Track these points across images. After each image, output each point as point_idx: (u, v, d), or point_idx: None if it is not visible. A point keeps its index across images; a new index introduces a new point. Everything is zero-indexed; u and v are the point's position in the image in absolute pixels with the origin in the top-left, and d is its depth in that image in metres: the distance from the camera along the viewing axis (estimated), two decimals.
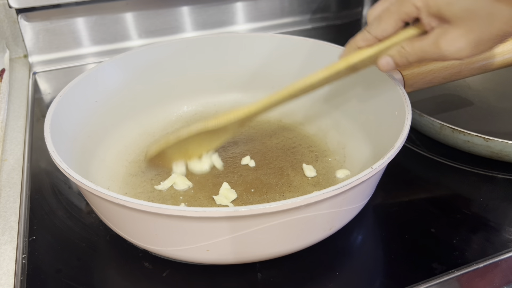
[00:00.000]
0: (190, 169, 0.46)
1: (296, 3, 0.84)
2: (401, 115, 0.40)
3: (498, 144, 0.45)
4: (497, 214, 0.42)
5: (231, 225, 0.31)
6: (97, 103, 0.48)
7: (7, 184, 0.47)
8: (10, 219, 0.43)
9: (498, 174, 0.47)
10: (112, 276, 0.37)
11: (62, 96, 0.43)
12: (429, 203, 0.44)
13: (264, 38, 0.55)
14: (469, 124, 0.53)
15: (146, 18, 0.75)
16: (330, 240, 0.38)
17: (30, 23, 0.69)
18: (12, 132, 0.56)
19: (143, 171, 0.47)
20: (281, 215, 0.31)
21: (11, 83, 0.66)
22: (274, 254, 0.35)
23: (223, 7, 0.79)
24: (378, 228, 0.42)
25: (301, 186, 0.45)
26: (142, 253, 0.38)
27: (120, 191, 0.44)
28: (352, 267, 0.38)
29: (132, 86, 0.52)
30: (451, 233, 0.40)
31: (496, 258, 0.38)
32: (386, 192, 0.44)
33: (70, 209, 0.44)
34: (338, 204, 0.33)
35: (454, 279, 0.36)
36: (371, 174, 0.33)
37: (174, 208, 0.29)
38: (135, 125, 0.52)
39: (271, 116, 0.56)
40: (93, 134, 0.47)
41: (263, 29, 0.83)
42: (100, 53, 0.74)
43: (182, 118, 0.56)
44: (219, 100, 0.57)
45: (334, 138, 0.51)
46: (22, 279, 0.37)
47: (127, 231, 0.35)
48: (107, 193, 0.31)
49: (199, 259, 0.35)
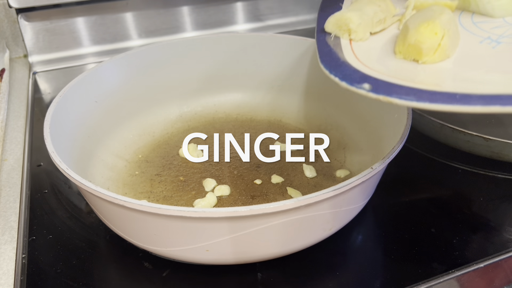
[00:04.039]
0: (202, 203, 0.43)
1: (296, 3, 0.84)
2: (401, 115, 0.40)
3: (498, 144, 0.45)
4: (497, 214, 0.42)
5: (231, 225, 0.31)
6: (97, 103, 0.48)
7: (7, 184, 0.47)
8: (10, 219, 0.43)
9: (498, 174, 0.47)
10: (112, 276, 0.37)
11: (62, 96, 0.43)
12: (429, 203, 0.44)
13: (264, 38, 0.55)
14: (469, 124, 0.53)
15: (146, 18, 0.75)
16: (330, 240, 0.38)
17: (30, 23, 0.69)
18: (12, 132, 0.56)
19: (143, 171, 0.47)
20: (281, 215, 0.31)
21: (11, 83, 0.66)
22: (274, 254, 0.35)
23: (223, 7, 0.79)
24: (378, 228, 0.42)
25: (301, 186, 0.45)
26: (142, 253, 0.38)
27: (120, 191, 0.44)
28: (352, 267, 0.38)
29: (132, 86, 0.52)
30: (451, 233, 0.40)
31: (496, 258, 0.38)
32: (386, 192, 0.44)
33: (70, 209, 0.44)
34: (338, 204, 0.33)
35: (454, 279, 0.36)
36: (371, 174, 0.33)
37: (174, 208, 0.29)
38: (135, 125, 0.52)
39: (271, 116, 0.56)
40: (93, 134, 0.47)
41: (263, 29, 0.82)
42: (100, 53, 0.74)
43: (182, 118, 0.56)
44: (219, 100, 0.57)
45: (334, 138, 0.51)
46: (22, 279, 0.37)
47: (127, 232, 0.35)
48: (106, 194, 0.31)
49: (199, 259, 0.35)
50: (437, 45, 0.32)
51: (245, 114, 0.56)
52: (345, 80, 0.30)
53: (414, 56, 0.33)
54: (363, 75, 0.30)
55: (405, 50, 0.34)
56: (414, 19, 0.35)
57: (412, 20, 0.35)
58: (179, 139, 0.52)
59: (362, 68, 0.31)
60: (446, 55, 0.33)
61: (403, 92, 0.27)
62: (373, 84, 0.29)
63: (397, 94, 0.27)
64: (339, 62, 0.32)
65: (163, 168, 0.48)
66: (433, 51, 0.33)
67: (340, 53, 0.34)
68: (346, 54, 0.34)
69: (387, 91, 0.28)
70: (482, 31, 0.36)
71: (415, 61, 0.33)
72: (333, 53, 0.34)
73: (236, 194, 0.44)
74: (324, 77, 0.53)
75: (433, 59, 0.33)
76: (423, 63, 0.33)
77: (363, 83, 0.29)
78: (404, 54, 0.34)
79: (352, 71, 0.31)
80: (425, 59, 0.33)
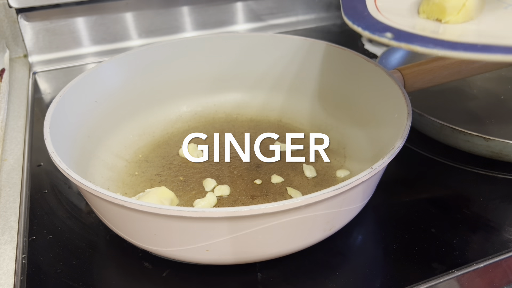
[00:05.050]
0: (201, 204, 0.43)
1: (296, 3, 0.84)
2: (401, 115, 0.40)
3: (498, 144, 0.45)
4: (497, 214, 0.42)
5: (231, 225, 0.31)
6: (97, 103, 0.48)
7: (7, 184, 0.47)
8: (10, 219, 0.43)
9: (498, 174, 0.47)
10: (112, 276, 0.37)
11: (62, 96, 0.43)
12: (429, 203, 0.44)
13: (264, 38, 0.55)
14: (469, 124, 0.53)
15: (146, 18, 0.75)
16: (330, 240, 0.38)
17: (30, 23, 0.69)
18: (12, 132, 0.56)
19: (143, 171, 0.47)
20: (281, 215, 0.31)
21: (11, 83, 0.66)
22: (274, 254, 0.35)
23: (223, 7, 0.79)
24: (378, 228, 0.42)
25: (301, 186, 0.45)
26: (142, 253, 0.38)
27: (120, 191, 0.44)
28: (352, 267, 0.38)
29: (132, 86, 0.52)
30: (451, 233, 0.40)
31: (496, 258, 0.38)
32: (386, 192, 0.44)
33: (70, 209, 0.44)
34: (338, 204, 0.33)
35: (454, 279, 0.36)
36: (371, 174, 0.33)
37: (174, 208, 0.29)
38: (135, 125, 0.52)
39: (271, 116, 0.56)
40: (93, 134, 0.47)
41: (263, 29, 0.82)
42: (100, 53, 0.74)
43: (181, 118, 0.56)
44: (219, 100, 0.57)
45: (334, 138, 0.51)
46: (22, 279, 0.37)
47: (127, 231, 0.35)
48: (106, 194, 0.31)
49: (199, 259, 0.35)
50: (462, 5, 0.32)
51: (245, 114, 0.56)
52: (368, 29, 0.30)
53: (438, 15, 0.33)
54: (386, 26, 0.30)
55: (429, 9, 0.33)
56: None
57: None
58: (179, 139, 0.52)
59: (385, 21, 0.31)
60: (470, 16, 0.33)
61: (425, 40, 0.27)
62: (395, 33, 0.29)
63: (419, 42, 0.27)
64: (363, 14, 0.33)
65: (163, 168, 0.48)
66: (457, 11, 0.32)
67: (364, 8, 0.34)
68: (370, 9, 0.34)
69: (409, 39, 0.28)
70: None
71: (438, 20, 0.33)
72: (357, 6, 0.34)
73: (236, 194, 0.44)
74: (324, 77, 0.53)
75: (457, 19, 0.32)
76: (445, 23, 0.33)
77: (385, 32, 0.29)
78: (428, 13, 0.34)
79: (375, 22, 0.31)
80: (448, 19, 0.32)
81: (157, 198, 0.39)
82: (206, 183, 0.45)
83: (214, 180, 0.45)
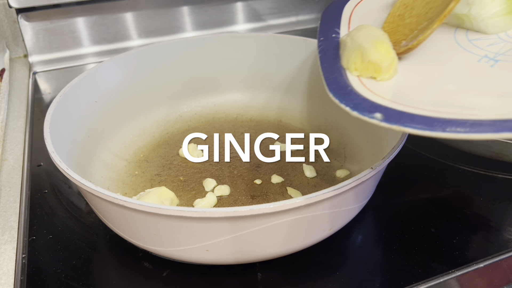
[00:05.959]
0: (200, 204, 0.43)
1: (296, 3, 0.84)
2: None
3: (498, 144, 0.45)
4: (497, 214, 0.42)
5: (231, 225, 0.31)
6: (97, 103, 0.48)
7: (7, 184, 0.47)
8: (10, 219, 0.43)
9: (498, 174, 0.47)
10: (112, 276, 0.37)
11: (62, 96, 0.43)
12: (429, 203, 0.44)
13: (264, 38, 0.55)
14: None
15: (146, 18, 0.75)
16: (330, 240, 0.38)
17: (30, 23, 0.69)
18: (12, 132, 0.56)
19: (143, 171, 0.47)
20: (281, 215, 0.31)
21: (11, 83, 0.66)
22: (274, 254, 0.35)
23: (223, 7, 0.79)
24: (378, 228, 0.42)
25: (301, 186, 0.45)
26: (142, 253, 0.38)
27: (120, 191, 0.44)
28: (352, 267, 0.38)
29: (132, 86, 0.52)
30: (451, 233, 0.40)
31: (496, 258, 0.38)
32: (386, 192, 0.44)
33: (70, 209, 0.44)
34: (338, 204, 0.33)
35: (454, 279, 0.36)
36: (371, 174, 0.33)
37: (174, 208, 0.30)
38: (135, 125, 0.52)
39: (271, 116, 0.56)
40: (93, 134, 0.47)
41: (263, 29, 0.83)
42: (100, 53, 0.74)
43: (182, 118, 0.56)
44: (219, 100, 0.57)
45: (334, 138, 0.51)
46: (22, 279, 0.37)
47: (127, 232, 0.35)
48: (106, 194, 0.31)
49: (199, 259, 0.35)
50: (391, 63, 0.34)
51: (245, 114, 0.56)
52: (356, 109, 0.30)
53: (372, 73, 0.34)
54: (373, 104, 0.31)
55: (363, 67, 0.35)
56: (361, 37, 0.35)
57: (361, 39, 0.35)
58: (179, 139, 0.52)
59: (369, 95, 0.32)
60: (396, 72, 0.35)
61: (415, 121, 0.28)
62: (384, 113, 0.29)
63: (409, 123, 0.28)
64: (347, 90, 0.33)
65: (163, 168, 0.48)
66: (389, 69, 0.34)
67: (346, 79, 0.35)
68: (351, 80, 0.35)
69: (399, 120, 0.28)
70: (479, 49, 0.37)
71: (372, 78, 0.35)
72: (339, 79, 0.35)
73: (236, 194, 0.44)
74: None
75: (389, 76, 0.34)
76: (380, 80, 0.34)
77: (374, 113, 0.29)
78: (361, 71, 0.35)
79: (361, 99, 0.31)
80: (383, 77, 0.34)
81: (157, 198, 0.39)
82: (206, 183, 0.45)
83: (214, 180, 0.45)
